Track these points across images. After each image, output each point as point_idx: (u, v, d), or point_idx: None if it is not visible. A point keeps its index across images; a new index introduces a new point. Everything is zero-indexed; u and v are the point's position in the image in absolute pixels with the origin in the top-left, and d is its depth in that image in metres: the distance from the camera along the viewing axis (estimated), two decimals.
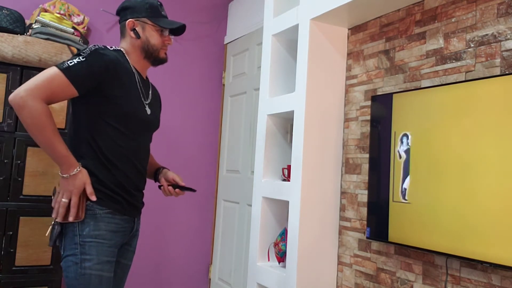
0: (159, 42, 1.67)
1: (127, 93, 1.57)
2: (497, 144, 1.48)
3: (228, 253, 3.29)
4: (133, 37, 1.65)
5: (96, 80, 1.48)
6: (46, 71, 1.43)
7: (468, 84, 1.60)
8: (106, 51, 1.53)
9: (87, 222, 1.50)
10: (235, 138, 3.39)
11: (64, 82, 1.42)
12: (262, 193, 2.45)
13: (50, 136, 1.42)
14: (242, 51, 3.42)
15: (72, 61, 1.44)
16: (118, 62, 1.55)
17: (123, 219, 1.59)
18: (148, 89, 1.72)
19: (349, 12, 2.13)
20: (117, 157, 1.56)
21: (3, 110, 2.54)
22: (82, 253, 1.47)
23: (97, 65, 1.47)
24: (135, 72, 1.64)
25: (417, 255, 1.83)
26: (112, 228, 1.54)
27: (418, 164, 1.74)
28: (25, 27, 2.69)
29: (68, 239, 1.50)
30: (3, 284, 2.45)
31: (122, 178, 1.57)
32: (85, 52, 1.48)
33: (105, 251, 1.51)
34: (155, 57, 1.68)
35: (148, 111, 1.66)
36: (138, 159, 1.65)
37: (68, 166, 1.45)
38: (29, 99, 1.37)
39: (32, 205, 2.56)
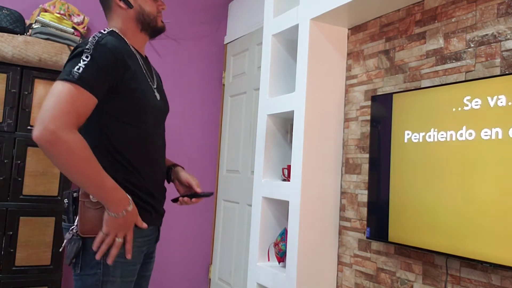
0: (154, 9, 1.46)
1: (139, 82, 1.36)
2: (497, 144, 1.48)
3: (228, 253, 3.29)
4: (123, 8, 1.41)
5: (110, 78, 1.26)
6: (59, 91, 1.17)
7: (468, 84, 1.60)
8: (106, 39, 1.30)
9: None
10: (235, 138, 3.39)
11: (86, 97, 1.20)
12: (262, 193, 2.45)
13: (96, 170, 1.21)
14: (242, 51, 3.42)
15: (79, 66, 1.20)
16: (121, 47, 1.32)
17: (149, 230, 1.39)
18: (151, 70, 1.51)
19: (349, 12, 2.13)
20: (142, 160, 1.36)
21: (3, 110, 2.54)
22: (105, 274, 1.27)
23: (108, 60, 1.25)
24: (136, 53, 1.42)
25: (417, 255, 1.83)
26: (139, 244, 1.35)
27: (418, 164, 1.74)
28: (25, 27, 2.70)
29: (89, 256, 1.27)
30: (3, 284, 2.46)
31: (149, 182, 1.38)
32: (89, 49, 1.24)
33: (130, 271, 1.33)
34: (153, 27, 1.46)
35: (158, 97, 1.45)
36: (160, 155, 1.47)
37: (118, 203, 1.24)
38: (62, 132, 1.13)
39: (32, 205, 2.56)
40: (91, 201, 1.28)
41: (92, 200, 1.28)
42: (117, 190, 1.25)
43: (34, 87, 2.62)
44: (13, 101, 2.56)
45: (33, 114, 2.61)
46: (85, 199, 1.29)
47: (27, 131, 2.59)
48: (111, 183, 1.24)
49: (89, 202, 1.28)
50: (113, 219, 1.25)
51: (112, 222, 1.26)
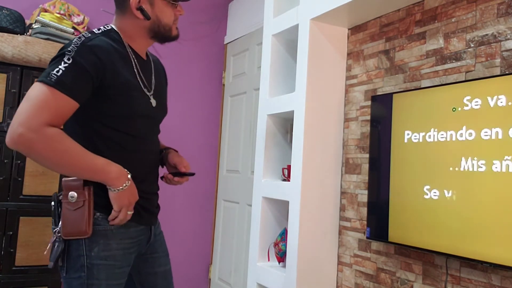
0: (171, 18, 1.39)
1: (128, 88, 1.31)
2: (497, 144, 1.48)
3: (228, 253, 3.29)
4: (140, 18, 1.34)
5: (94, 81, 1.22)
6: (34, 94, 1.14)
7: (468, 84, 1.60)
8: (95, 41, 1.25)
9: (95, 240, 1.26)
10: (235, 138, 3.39)
11: (63, 101, 1.16)
12: (262, 193, 2.45)
13: (81, 155, 1.19)
14: (242, 51, 3.42)
15: (58, 69, 1.16)
16: (111, 50, 1.27)
17: (139, 231, 1.37)
18: (150, 74, 1.44)
19: (349, 12, 2.13)
20: (127, 163, 1.31)
21: (3, 110, 2.54)
22: (89, 277, 1.25)
23: (90, 63, 1.20)
24: (132, 58, 1.35)
25: (417, 255, 1.83)
26: (125, 246, 1.32)
27: (418, 164, 1.74)
28: (25, 27, 2.70)
29: (72, 259, 1.26)
30: (3, 284, 2.46)
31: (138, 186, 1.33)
32: (71, 51, 1.19)
33: (115, 274, 1.29)
34: (166, 37, 1.41)
35: (154, 103, 1.40)
36: (150, 160, 1.44)
37: (118, 176, 1.23)
38: (32, 133, 1.11)
39: (32, 205, 2.56)
40: (70, 202, 1.25)
41: (70, 201, 1.24)
42: (111, 165, 1.23)
43: None
44: (13, 101, 2.56)
45: None
46: (65, 200, 1.26)
47: None
48: (102, 161, 1.22)
49: (68, 203, 1.25)
50: (119, 194, 1.24)
51: (119, 197, 1.24)
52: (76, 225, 1.24)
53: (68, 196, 1.25)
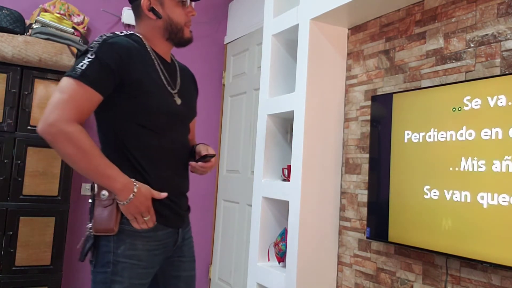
0: (182, 18, 1.44)
1: (150, 84, 1.35)
2: (497, 144, 1.48)
3: (228, 253, 3.29)
4: (152, 18, 1.41)
5: (115, 75, 1.28)
6: (62, 86, 1.24)
7: (468, 84, 1.60)
8: (116, 39, 1.32)
9: (122, 239, 1.31)
10: (235, 138, 3.39)
11: (87, 92, 1.23)
12: (262, 193, 2.45)
13: (97, 159, 1.24)
14: (242, 51, 3.42)
15: (82, 63, 1.24)
16: (131, 48, 1.34)
17: (166, 233, 1.40)
18: (175, 75, 1.49)
19: (349, 12, 2.13)
20: (153, 161, 1.36)
21: (3, 110, 2.54)
22: (114, 273, 1.29)
23: (111, 58, 1.27)
24: (155, 58, 1.41)
25: (417, 255, 1.83)
26: (151, 247, 1.35)
27: (418, 164, 1.74)
28: (25, 27, 2.70)
29: (100, 255, 1.32)
30: (3, 284, 2.46)
31: (162, 185, 1.37)
32: (94, 47, 1.28)
33: (139, 274, 1.33)
34: (179, 37, 1.46)
35: (178, 101, 1.43)
36: (177, 158, 1.45)
37: (124, 189, 1.26)
38: (62, 125, 1.18)
39: (32, 205, 2.56)
40: (102, 200, 1.30)
41: (102, 199, 1.30)
42: (120, 176, 1.27)
43: (34, 87, 2.62)
44: (13, 101, 2.56)
45: (33, 114, 2.61)
46: (97, 198, 1.31)
47: (27, 131, 2.59)
48: (113, 170, 1.26)
49: (100, 201, 1.31)
50: (127, 206, 1.28)
51: (128, 208, 1.28)
52: (104, 222, 1.29)
53: (100, 194, 1.31)
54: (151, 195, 1.33)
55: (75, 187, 3.04)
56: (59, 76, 2.68)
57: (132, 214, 1.29)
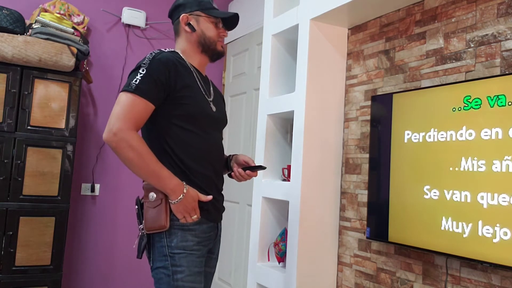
0: (215, 34, 1.63)
1: (192, 91, 1.53)
2: (497, 144, 1.48)
3: (228, 253, 3.29)
4: (188, 32, 1.61)
5: (165, 87, 1.46)
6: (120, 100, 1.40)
7: (468, 84, 1.60)
8: (162, 54, 1.50)
9: (174, 233, 1.46)
10: (235, 138, 3.39)
11: (142, 104, 1.41)
12: (262, 193, 2.45)
13: (153, 162, 1.40)
14: (242, 51, 3.42)
15: (136, 79, 1.42)
16: (176, 61, 1.52)
17: (210, 227, 1.55)
18: (209, 86, 1.67)
19: (349, 12, 2.13)
20: (195, 160, 1.52)
21: (3, 110, 2.54)
22: (173, 264, 1.44)
23: (161, 72, 1.45)
24: (193, 70, 1.59)
25: (417, 255, 1.83)
26: (200, 239, 1.51)
27: (418, 164, 1.74)
28: (25, 27, 2.70)
29: (156, 250, 1.47)
30: (3, 284, 2.46)
31: (203, 182, 1.53)
32: (145, 64, 1.46)
33: (194, 261, 1.48)
34: (212, 50, 1.64)
35: (214, 108, 1.62)
36: (215, 159, 1.61)
37: (176, 189, 1.42)
38: (123, 134, 1.36)
39: (32, 205, 2.56)
40: (150, 201, 1.46)
41: (150, 200, 1.46)
42: (173, 178, 1.43)
43: (34, 87, 2.62)
44: (13, 101, 2.56)
45: (33, 114, 2.61)
46: (146, 200, 1.47)
47: (27, 131, 2.59)
48: (167, 172, 1.42)
49: (149, 202, 1.46)
50: (177, 205, 1.43)
51: (178, 208, 1.43)
52: (156, 220, 1.45)
53: (148, 196, 1.46)
54: (198, 198, 1.48)
55: (75, 187, 3.04)
56: (59, 76, 2.68)
57: (182, 213, 1.44)
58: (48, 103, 2.65)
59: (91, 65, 3.14)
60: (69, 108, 2.70)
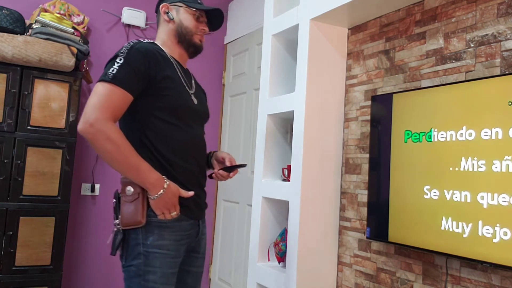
0: (193, 25, 1.59)
1: (173, 82, 1.48)
2: (497, 144, 1.48)
3: (228, 253, 3.29)
4: (167, 21, 1.58)
5: (145, 77, 1.40)
6: (97, 91, 1.34)
7: (468, 84, 1.60)
8: (141, 44, 1.44)
9: (150, 230, 1.39)
10: (235, 138, 3.39)
11: (120, 94, 1.34)
12: (262, 193, 2.45)
13: (132, 155, 1.34)
14: (242, 51, 3.42)
15: (113, 68, 1.36)
16: (155, 51, 1.46)
17: (190, 224, 1.49)
18: (191, 79, 1.63)
19: (349, 12, 2.13)
20: (176, 154, 1.46)
21: (3, 110, 2.54)
22: (146, 264, 1.37)
23: (139, 62, 1.39)
24: (174, 62, 1.54)
25: (417, 255, 1.83)
26: (177, 237, 1.44)
27: (418, 164, 1.74)
28: (25, 27, 2.70)
29: (130, 247, 1.39)
30: (3, 284, 2.46)
31: (185, 176, 1.47)
32: (123, 53, 1.40)
33: (169, 262, 1.41)
34: (188, 41, 1.58)
35: (195, 101, 1.56)
36: (197, 153, 1.56)
37: (156, 184, 1.36)
38: (100, 125, 1.29)
39: (32, 205, 2.56)
40: (127, 196, 1.39)
41: (127, 195, 1.39)
42: (153, 172, 1.36)
43: (34, 87, 2.62)
44: (13, 101, 2.56)
45: (33, 114, 2.61)
46: (123, 194, 1.41)
47: (27, 131, 2.59)
48: (147, 166, 1.36)
49: (126, 196, 1.40)
50: (157, 201, 1.37)
51: (157, 203, 1.37)
52: (132, 216, 1.38)
53: (125, 190, 1.40)
54: (179, 193, 1.42)
55: (75, 187, 3.04)
56: (59, 76, 2.68)
57: (161, 209, 1.38)
58: (48, 103, 2.65)
59: (91, 65, 3.14)
60: (69, 108, 2.70)
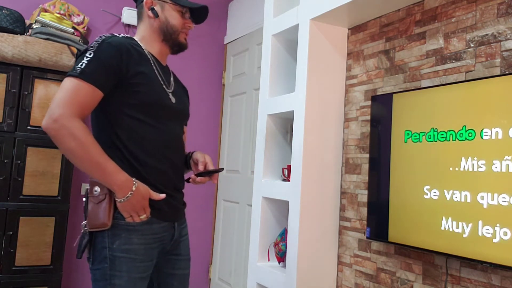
0: (179, 23, 1.51)
1: (146, 79, 1.40)
2: (497, 144, 1.48)
3: (228, 253, 3.29)
4: (151, 17, 1.49)
5: (116, 72, 1.32)
6: (63, 86, 1.27)
7: (468, 84, 1.60)
8: (114, 38, 1.37)
9: (117, 233, 1.32)
10: (235, 138, 3.40)
11: (88, 90, 1.27)
12: (262, 193, 2.45)
13: (98, 154, 1.26)
14: (242, 51, 3.42)
15: (82, 63, 1.29)
16: (129, 46, 1.39)
17: (162, 227, 1.41)
18: (169, 77, 1.55)
19: (349, 12, 2.13)
20: (148, 154, 1.38)
21: (3, 110, 2.54)
22: (112, 268, 1.31)
23: (111, 56, 1.32)
24: (151, 58, 1.46)
25: (417, 255, 1.83)
26: (146, 241, 1.36)
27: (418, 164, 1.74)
28: (25, 27, 2.70)
29: (97, 251, 1.33)
30: (3, 284, 2.46)
31: (157, 178, 1.40)
32: (93, 47, 1.32)
33: (137, 267, 1.34)
34: (174, 39, 1.52)
35: (173, 100, 1.48)
36: (172, 153, 1.47)
37: (123, 186, 1.28)
38: (65, 121, 1.22)
39: (32, 205, 2.56)
40: (94, 196, 1.33)
41: (94, 195, 1.33)
42: (120, 173, 1.30)
43: (34, 87, 2.62)
44: (13, 101, 2.56)
45: (33, 114, 2.61)
46: (90, 195, 1.34)
47: (27, 131, 2.59)
48: (113, 167, 1.29)
49: (93, 197, 1.33)
50: (124, 204, 1.30)
51: (124, 206, 1.31)
52: (98, 218, 1.32)
53: (93, 190, 1.34)
54: (149, 196, 1.35)
55: (75, 187, 3.04)
56: (59, 76, 2.68)
57: (128, 212, 1.31)
58: (48, 103, 2.65)
59: None
60: None
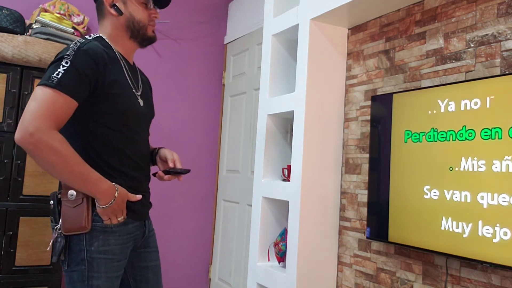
0: (145, 17, 1.47)
1: (121, 88, 1.39)
2: (497, 144, 1.48)
3: (228, 253, 3.29)
4: (114, 15, 1.43)
5: (91, 82, 1.30)
6: (38, 96, 1.22)
7: (468, 84, 1.60)
8: (89, 45, 1.33)
9: (95, 236, 1.33)
10: (235, 138, 3.40)
11: (65, 101, 1.24)
12: (262, 193, 2.45)
13: (80, 165, 1.26)
14: (242, 51, 3.42)
15: (58, 72, 1.24)
16: (104, 53, 1.36)
17: (135, 226, 1.45)
18: (137, 77, 1.53)
19: (349, 12, 2.13)
20: (121, 162, 1.41)
21: (3, 110, 2.54)
22: (90, 270, 1.32)
23: (87, 66, 1.29)
24: (121, 60, 1.44)
25: (417, 255, 1.83)
26: (123, 241, 1.40)
27: (418, 164, 1.74)
28: (25, 27, 2.70)
29: (73, 253, 1.33)
30: (3, 284, 2.46)
31: (130, 182, 1.42)
32: (69, 55, 1.28)
33: (114, 267, 1.37)
34: (142, 35, 1.48)
35: (141, 103, 1.48)
36: (142, 159, 1.51)
37: (106, 194, 1.30)
38: (42, 134, 1.19)
39: (32, 205, 2.56)
40: (70, 200, 1.33)
41: (70, 199, 1.33)
42: (103, 181, 1.31)
43: (34, 87, 2.62)
44: (13, 101, 2.56)
45: None
46: (64, 199, 1.34)
47: None
48: (96, 175, 1.30)
49: (68, 201, 1.33)
50: (104, 210, 1.32)
51: (105, 211, 1.33)
52: (76, 221, 1.32)
53: (67, 194, 1.33)
54: (127, 198, 1.38)
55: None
56: None
57: (108, 215, 1.34)
58: None
59: None
60: None
